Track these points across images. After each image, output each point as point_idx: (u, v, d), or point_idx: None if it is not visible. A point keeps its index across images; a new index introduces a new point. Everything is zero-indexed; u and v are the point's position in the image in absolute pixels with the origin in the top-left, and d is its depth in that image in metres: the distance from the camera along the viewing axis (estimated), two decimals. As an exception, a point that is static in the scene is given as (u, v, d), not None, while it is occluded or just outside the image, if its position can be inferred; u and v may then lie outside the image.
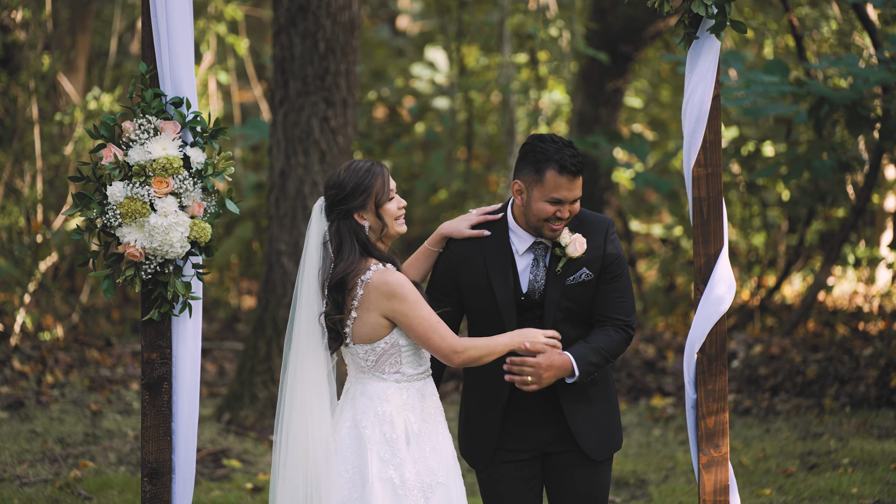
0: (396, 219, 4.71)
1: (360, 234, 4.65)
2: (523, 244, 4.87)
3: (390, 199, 4.68)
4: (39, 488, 7.51)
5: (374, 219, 4.68)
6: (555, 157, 4.75)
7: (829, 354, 9.91)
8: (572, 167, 4.74)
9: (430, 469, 4.62)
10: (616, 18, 12.59)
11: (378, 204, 4.67)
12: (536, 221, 4.80)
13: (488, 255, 4.87)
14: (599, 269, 4.86)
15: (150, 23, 4.88)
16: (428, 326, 4.57)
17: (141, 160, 4.80)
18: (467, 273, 4.88)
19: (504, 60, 11.86)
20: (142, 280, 4.86)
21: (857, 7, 9.61)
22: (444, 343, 4.58)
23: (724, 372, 4.96)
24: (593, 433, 4.91)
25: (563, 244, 4.82)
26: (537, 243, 4.87)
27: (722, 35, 4.90)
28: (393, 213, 4.70)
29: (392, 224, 4.69)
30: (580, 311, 4.88)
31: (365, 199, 4.65)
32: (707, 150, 4.95)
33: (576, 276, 4.84)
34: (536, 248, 4.87)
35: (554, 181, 4.75)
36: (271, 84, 9.39)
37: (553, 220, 4.78)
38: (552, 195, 4.75)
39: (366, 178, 4.66)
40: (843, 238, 10.66)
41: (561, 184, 4.74)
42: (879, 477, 7.52)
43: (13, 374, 9.91)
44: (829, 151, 9.59)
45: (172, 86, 4.89)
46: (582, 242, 4.83)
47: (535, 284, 4.85)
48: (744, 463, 8.05)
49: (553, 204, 4.77)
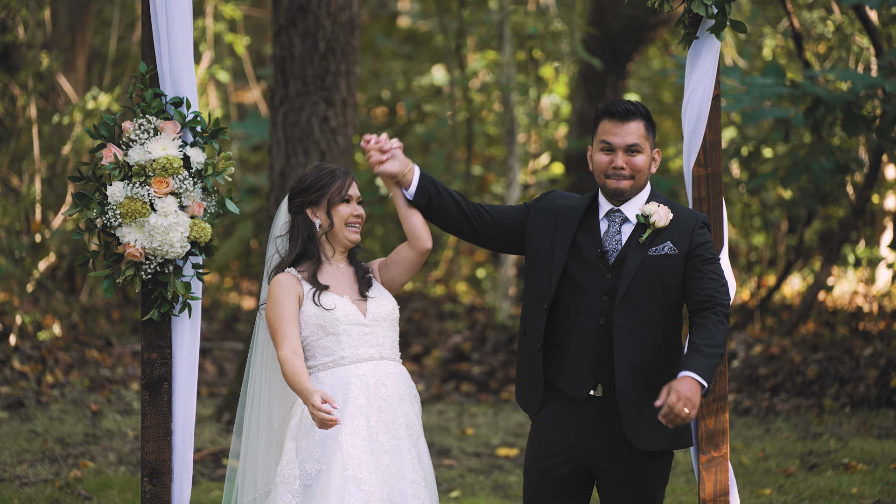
0: (348, 223, 4.83)
1: (310, 231, 4.82)
2: (602, 211, 4.82)
3: (344, 202, 4.82)
4: (39, 488, 7.51)
5: (325, 217, 4.81)
6: (602, 107, 4.80)
7: (829, 354, 9.91)
8: (617, 111, 4.74)
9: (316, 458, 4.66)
10: (616, 18, 12.59)
11: (331, 203, 4.81)
12: (599, 178, 4.79)
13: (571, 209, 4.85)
14: (687, 248, 4.73)
15: (150, 23, 4.89)
16: (272, 326, 4.74)
17: (141, 160, 4.80)
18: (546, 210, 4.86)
19: (504, 60, 11.86)
20: (142, 280, 4.86)
21: (858, 8, 9.61)
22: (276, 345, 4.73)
23: (724, 372, 4.96)
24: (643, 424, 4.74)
25: (649, 213, 4.75)
26: (613, 211, 4.80)
27: (722, 35, 4.90)
28: (344, 215, 4.83)
29: (341, 227, 4.82)
30: (660, 287, 4.72)
31: (319, 196, 4.81)
32: (707, 150, 4.96)
33: (659, 247, 4.74)
34: (613, 215, 4.80)
35: (603, 128, 4.78)
36: (271, 84, 9.38)
37: (611, 172, 4.75)
38: (602, 139, 4.76)
39: (325, 178, 4.83)
40: (843, 238, 10.66)
41: (608, 129, 4.76)
42: (879, 477, 7.52)
43: (13, 374, 9.90)
44: (828, 154, 9.59)
45: (172, 86, 4.89)
46: (667, 213, 4.75)
47: (608, 247, 4.77)
48: (744, 463, 8.04)
49: (606, 152, 4.76)
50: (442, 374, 11.00)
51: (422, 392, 10.65)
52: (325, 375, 4.73)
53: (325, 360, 4.75)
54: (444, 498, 7.71)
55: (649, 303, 4.72)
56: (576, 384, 4.77)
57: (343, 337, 4.74)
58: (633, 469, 4.78)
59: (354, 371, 4.73)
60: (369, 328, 4.77)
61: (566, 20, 12.28)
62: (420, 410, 4.89)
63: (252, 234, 12.86)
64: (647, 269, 4.72)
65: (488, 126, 13.94)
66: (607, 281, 4.73)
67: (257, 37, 15.78)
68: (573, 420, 4.79)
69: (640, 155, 4.75)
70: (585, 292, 4.75)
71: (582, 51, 11.81)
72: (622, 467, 4.78)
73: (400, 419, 4.76)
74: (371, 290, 4.85)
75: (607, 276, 4.74)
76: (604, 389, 4.75)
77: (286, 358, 4.65)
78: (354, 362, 4.75)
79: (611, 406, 4.76)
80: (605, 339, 4.72)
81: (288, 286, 4.76)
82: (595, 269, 4.76)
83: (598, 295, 4.74)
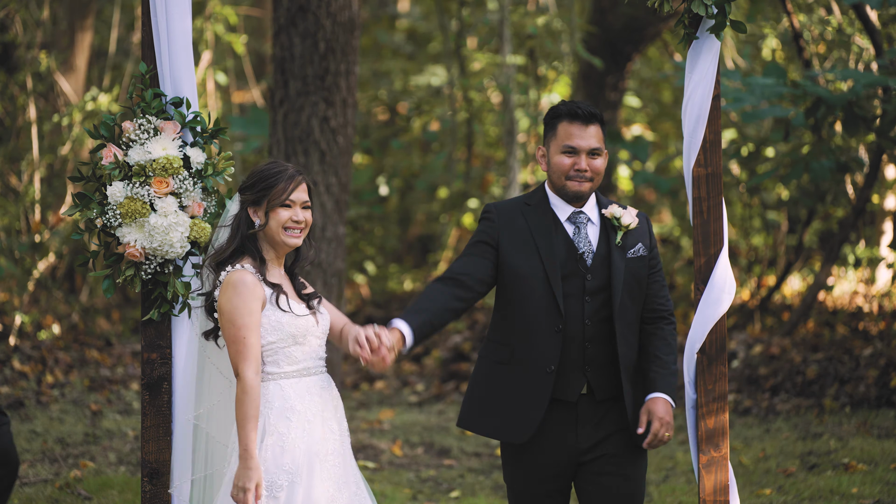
0: (285, 228, 4.59)
1: (249, 228, 4.61)
2: (563, 213, 4.84)
3: (284, 206, 4.59)
4: (39, 488, 7.51)
5: (263, 217, 4.61)
6: (563, 108, 4.80)
7: (829, 354, 9.91)
8: (581, 114, 4.76)
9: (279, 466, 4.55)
10: (616, 18, 12.59)
11: (270, 206, 4.60)
12: (559, 180, 4.79)
13: (530, 217, 4.83)
14: (648, 250, 4.87)
15: (150, 23, 4.89)
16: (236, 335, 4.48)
17: (141, 160, 4.80)
18: (508, 229, 4.82)
19: (504, 60, 11.86)
20: (142, 280, 4.86)
21: (858, 8, 9.61)
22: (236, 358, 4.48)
23: (724, 372, 4.96)
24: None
25: (618, 216, 4.81)
26: (577, 213, 4.83)
27: (722, 35, 4.90)
28: (282, 219, 4.60)
29: (278, 230, 4.60)
30: (637, 290, 4.83)
31: (260, 196, 4.60)
32: (707, 150, 4.95)
33: (634, 249, 4.83)
34: (577, 217, 4.83)
35: (565, 130, 4.79)
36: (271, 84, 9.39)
37: (573, 174, 4.77)
38: (565, 143, 4.77)
39: (270, 178, 4.62)
40: (843, 238, 10.66)
41: (572, 131, 4.77)
42: (879, 477, 7.52)
43: (13, 374, 9.90)
44: (828, 153, 9.59)
45: (172, 86, 4.89)
46: (632, 213, 4.83)
47: (583, 247, 4.80)
48: (744, 463, 8.04)
49: (568, 154, 4.78)
50: (442, 374, 11.00)
51: (422, 392, 10.65)
52: (289, 385, 4.57)
53: (289, 370, 4.59)
54: (444, 498, 7.71)
55: (632, 304, 4.84)
56: (567, 388, 4.81)
57: (306, 347, 4.60)
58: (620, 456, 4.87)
59: (316, 382, 4.63)
60: (320, 340, 4.65)
61: (566, 20, 12.28)
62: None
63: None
64: (629, 272, 4.81)
65: (488, 126, 13.95)
66: (589, 282, 4.78)
67: (257, 37, 15.78)
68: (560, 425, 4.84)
69: (599, 158, 4.81)
70: (567, 295, 4.78)
71: (582, 50, 11.81)
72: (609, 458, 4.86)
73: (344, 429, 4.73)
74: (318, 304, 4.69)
75: (588, 277, 4.79)
76: (590, 388, 4.82)
77: (251, 383, 4.44)
78: (314, 374, 4.63)
79: (598, 403, 4.84)
80: (591, 339, 4.79)
81: (255, 289, 4.52)
82: (575, 272, 4.79)
83: (579, 297, 4.78)
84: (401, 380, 10.92)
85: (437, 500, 7.67)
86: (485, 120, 13.73)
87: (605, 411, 4.84)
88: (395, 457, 8.64)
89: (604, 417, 4.84)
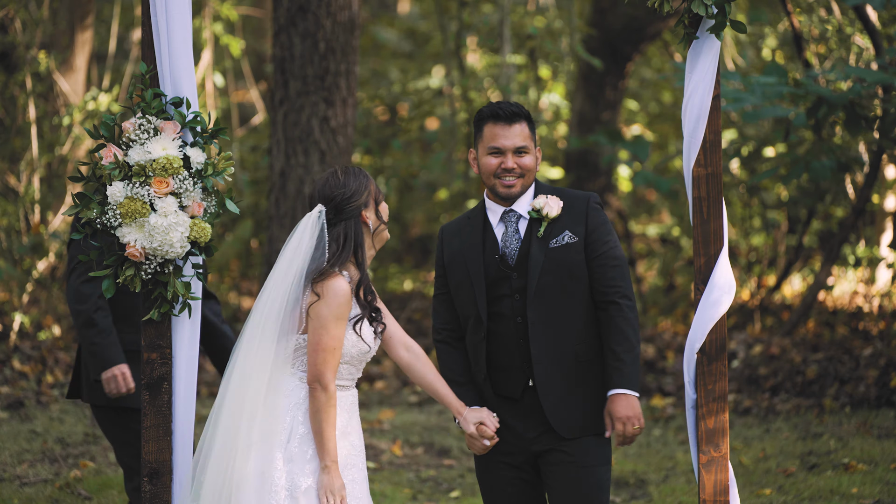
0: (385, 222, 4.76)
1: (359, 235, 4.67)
2: (496, 216, 4.92)
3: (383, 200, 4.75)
4: (39, 488, 7.51)
5: (375, 217, 4.71)
6: (486, 111, 4.87)
7: (829, 354, 9.91)
8: (503, 114, 4.83)
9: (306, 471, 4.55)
10: (616, 18, 12.60)
11: (377, 201, 4.72)
12: (489, 180, 4.87)
13: (465, 232, 4.95)
14: (584, 234, 4.87)
15: (150, 23, 4.89)
16: (323, 341, 4.51)
17: (141, 160, 4.80)
18: (448, 250, 4.96)
19: (504, 60, 11.86)
20: (142, 280, 4.86)
21: (858, 8, 9.61)
22: (323, 367, 4.50)
23: (724, 372, 4.96)
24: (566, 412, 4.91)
25: (539, 206, 4.85)
26: (507, 212, 4.90)
27: (722, 35, 4.90)
28: (385, 211, 4.76)
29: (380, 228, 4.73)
30: (569, 279, 4.85)
31: (367, 196, 4.69)
32: (707, 150, 4.95)
33: (559, 238, 4.85)
34: (507, 216, 4.90)
35: (490, 131, 4.86)
36: (271, 84, 9.39)
37: (501, 173, 4.84)
38: (490, 144, 4.85)
39: (363, 179, 4.71)
40: (843, 238, 10.66)
41: (496, 132, 4.84)
42: (879, 477, 7.52)
43: (13, 374, 9.91)
44: (829, 153, 9.59)
45: (172, 86, 4.89)
46: (557, 203, 4.87)
47: (507, 248, 4.87)
48: (744, 463, 8.05)
49: (494, 155, 4.85)
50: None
51: (422, 392, 10.66)
52: (339, 396, 4.64)
53: (341, 383, 4.64)
54: (444, 498, 7.72)
55: (562, 295, 4.86)
56: (510, 384, 4.90)
57: (354, 369, 4.68)
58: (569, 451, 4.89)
59: (349, 398, 4.68)
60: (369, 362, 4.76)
61: (565, 20, 12.29)
62: None
63: (252, 233, 12.86)
64: (552, 262, 4.84)
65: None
66: (515, 280, 4.84)
67: (257, 36, 15.79)
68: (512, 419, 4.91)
69: (527, 155, 4.87)
70: (500, 297, 4.86)
71: (582, 50, 11.81)
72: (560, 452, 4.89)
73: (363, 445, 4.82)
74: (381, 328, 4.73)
75: (513, 275, 4.84)
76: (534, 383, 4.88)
77: (333, 392, 4.51)
78: (349, 389, 4.69)
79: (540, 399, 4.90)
80: (524, 335, 4.85)
81: (349, 302, 4.56)
82: (501, 273, 4.86)
83: (510, 296, 4.86)
84: (401, 380, 10.92)
85: (437, 500, 7.67)
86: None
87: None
88: (395, 457, 8.65)
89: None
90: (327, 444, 4.49)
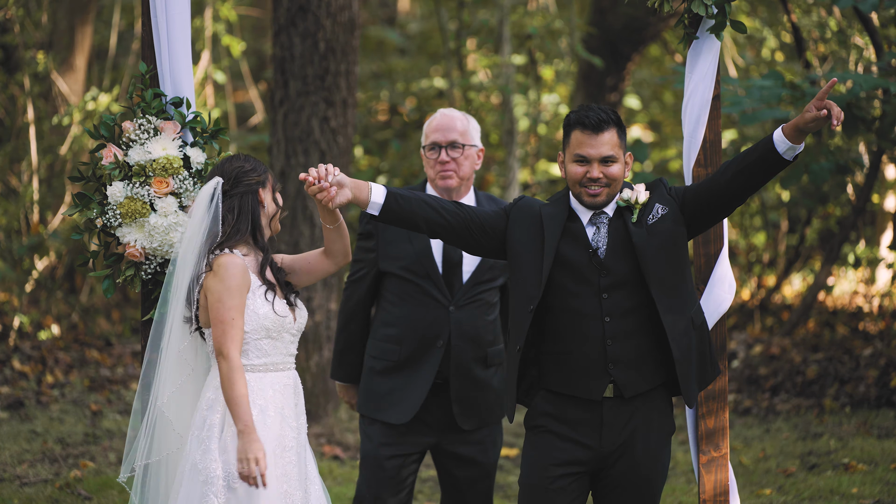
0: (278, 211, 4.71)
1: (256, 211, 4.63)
2: (585, 216, 4.77)
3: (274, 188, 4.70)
4: (39, 488, 7.51)
5: (271, 199, 4.66)
6: (574, 117, 4.74)
7: (829, 354, 9.91)
8: (590, 122, 4.68)
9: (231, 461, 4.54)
10: (616, 18, 12.60)
11: (274, 188, 4.68)
12: (574, 187, 4.73)
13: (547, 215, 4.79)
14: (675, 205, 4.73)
15: (150, 23, 4.89)
16: (220, 314, 4.50)
17: (141, 160, 4.80)
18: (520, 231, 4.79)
19: (504, 60, 11.86)
20: (142, 280, 4.86)
21: (858, 9, 9.61)
22: (222, 338, 4.49)
23: (724, 372, 4.96)
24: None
25: (627, 197, 4.73)
26: (598, 214, 4.75)
27: (722, 35, 4.90)
28: (280, 200, 4.70)
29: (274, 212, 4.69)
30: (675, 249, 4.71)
31: (265, 177, 4.65)
32: (707, 150, 4.96)
33: (653, 213, 4.71)
34: (597, 218, 4.75)
35: (577, 139, 4.71)
36: (271, 84, 9.39)
37: (587, 182, 4.70)
38: (576, 152, 4.70)
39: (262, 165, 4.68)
40: (843, 238, 10.66)
41: (582, 140, 4.69)
42: (879, 477, 7.52)
43: (13, 374, 9.91)
44: (827, 154, 9.59)
45: (172, 86, 4.89)
46: (643, 191, 4.74)
47: (599, 244, 4.73)
48: (744, 463, 8.05)
49: (580, 163, 4.70)
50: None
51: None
52: (255, 379, 4.59)
53: (258, 363, 4.60)
54: (444, 498, 7.71)
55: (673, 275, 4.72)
56: (590, 386, 4.74)
57: (278, 343, 4.62)
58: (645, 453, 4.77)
59: (282, 379, 4.64)
60: (294, 336, 4.67)
61: (565, 20, 12.29)
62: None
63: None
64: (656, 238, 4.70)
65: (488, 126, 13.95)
66: (603, 279, 4.71)
67: (257, 36, 15.79)
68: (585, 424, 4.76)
69: (615, 164, 4.71)
70: (582, 294, 4.72)
71: (582, 50, 11.81)
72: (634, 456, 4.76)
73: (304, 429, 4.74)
74: (295, 298, 4.71)
75: (603, 273, 4.71)
76: (615, 388, 4.73)
77: (237, 363, 4.48)
78: (282, 370, 4.65)
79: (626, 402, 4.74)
80: (613, 336, 4.71)
81: (244, 274, 4.55)
82: (589, 268, 4.71)
83: (596, 295, 4.71)
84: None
85: (437, 500, 7.67)
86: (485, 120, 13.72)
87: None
88: (395, 457, 8.63)
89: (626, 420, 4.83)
90: (237, 410, 4.45)
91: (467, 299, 5.50)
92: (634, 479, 4.76)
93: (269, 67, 14.36)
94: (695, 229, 4.79)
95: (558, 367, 4.76)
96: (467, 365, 5.47)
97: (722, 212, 4.76)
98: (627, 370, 4.71)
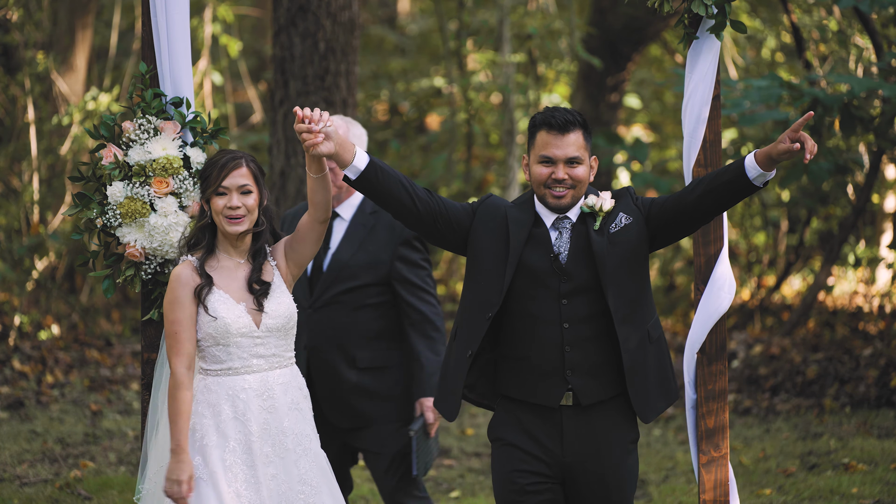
0: (224, 216, 4.60)
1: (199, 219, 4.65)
2: (549, 219, 4.73)
3: (219, 194, 4.60)
4: (39, 488, 7.51)
5: (207, 208, 4.65)
6: (539, 118, 4.69)
7: (829, 354, 9.91)
8: (556, 122, 4.64)
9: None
10: (616, 18, 12.60)
11: (207, 196, 4.63)
12: (539, 189, 4.68)
13: (513, 219, 4.74)
14: (640, 216, 4.70)
15: (150, 23, 4.89)
16: (166, 328, 4.54)
17: (141, 160, 4.80)
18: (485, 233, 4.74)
19: (504, 60, 11.86)
20: (142, 280, 4.86)
21: (858, 9, 9.61)
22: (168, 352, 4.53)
23: (724, 372, 4.96)
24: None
25: (592, 203, 4.69)
26: (561, 219, 4.72)
27: (722, 35, 4.90)
28: (217, 208, 4.61)
29: (218, 220, 4.62)
30: (635, 260, 4.68)
31: (204, 187, 4.63)
32: (707, 150, 4.95)
33: (616, 221, 4.68)
34: (560, 222, 4.71)
35: (542, 140, 4.66)
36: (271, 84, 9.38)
37: (551, 183, 4.65)
38: (542, 153, 4.65)
39: (204, 170, 4.65)
40: (843, 238, 10.66)
41: (548, 141, 4.64)
42: (879, 477, 7.52)
43: (13, 374, 9.91)
44: (827, 155, 9.60)
45: (172, 86, 4.89)
46: (608, 198, 4.71)
47: (561, 249, 4.68)
48: (744, 463, 8.05)
49: (545, 164, 4.66)
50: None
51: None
52: (213, 382, 4.60)
53: (215, 368, 4.60)
54: (444, 498, 7.71)
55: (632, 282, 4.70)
56: (547, 393, 4.71)
57: (233, 349, 4.59)
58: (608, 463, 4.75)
59: (240, 383, 4.60)
60: (262, 339, 4.61)
61: (565, 20, 12.29)
62: (312, 415, 4.75)
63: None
64: (617, 246, 4.67)
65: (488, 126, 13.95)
66: (563, 284, 4.67)
67: (257, 36, 15.79)
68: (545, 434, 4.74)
69: (580, 166, 4.67)
70: (541, 299, 4.67)
71: (582, 50, 11.81)
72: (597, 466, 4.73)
73: (288, 430, 4.65)
74: (268, 299, 4.64)
75: (563, 279, 4.67)
76: (574, 396, 4.70)
77: (180, 378, 4.49)
78: (242, 374, 4.61)
79: (585, 411, 4.71)
80: (571, 342, 4.67)
81: (187, 283, 4.56)
82: (550, 273, 4.67)
83: (555, 300, 4.67)
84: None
85: (437, 500, 7.67)
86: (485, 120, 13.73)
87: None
88: (395, 457, 8.64)
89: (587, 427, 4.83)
90: (173, 427, 4.47)
91: (324, 301, 5.57)
92: (600, 489, 4.74)
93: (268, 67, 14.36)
94: (658, 243, 4.76)
95: (515, 373, 4.73)
96: (333, 366, 5.57)
97: (686, 229, 4.73)
98: (585, 377, 4.68)
